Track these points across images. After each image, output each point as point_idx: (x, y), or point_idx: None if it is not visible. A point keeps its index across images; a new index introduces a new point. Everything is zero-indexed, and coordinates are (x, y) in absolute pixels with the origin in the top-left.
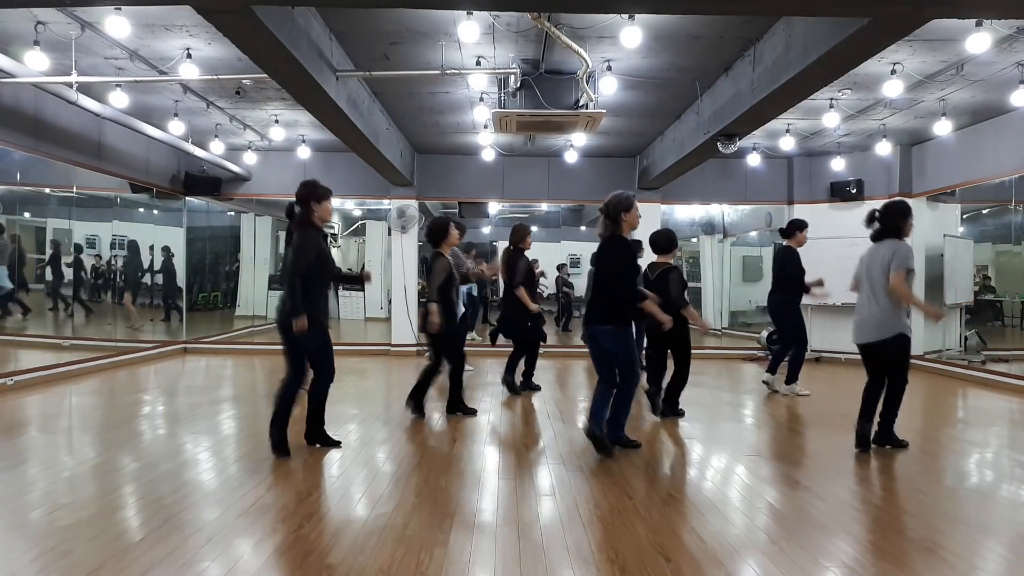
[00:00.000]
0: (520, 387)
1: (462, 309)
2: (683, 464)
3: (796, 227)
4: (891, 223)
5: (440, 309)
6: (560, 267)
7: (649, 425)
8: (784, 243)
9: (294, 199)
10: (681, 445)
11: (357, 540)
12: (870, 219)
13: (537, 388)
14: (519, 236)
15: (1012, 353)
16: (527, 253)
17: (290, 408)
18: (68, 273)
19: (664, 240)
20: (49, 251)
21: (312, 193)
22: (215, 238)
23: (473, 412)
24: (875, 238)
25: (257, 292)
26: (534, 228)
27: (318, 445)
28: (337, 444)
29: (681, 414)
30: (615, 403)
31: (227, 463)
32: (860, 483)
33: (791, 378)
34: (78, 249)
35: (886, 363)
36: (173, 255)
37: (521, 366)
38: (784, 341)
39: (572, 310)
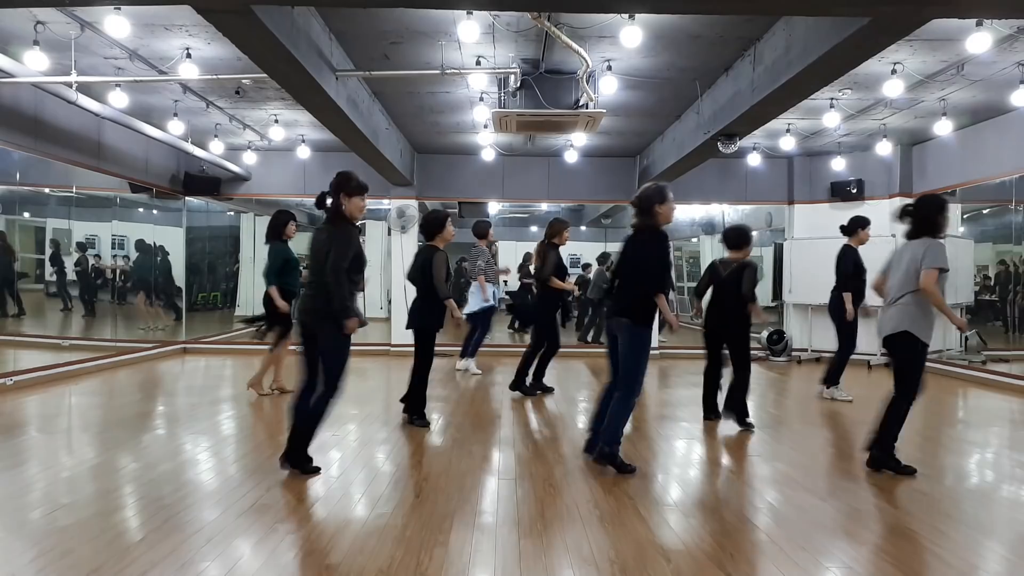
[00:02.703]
0: (530, 388)
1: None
2: (683, 464)
3: (858, 224)
4: (925, 218)
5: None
6: (585, 267)
7: (650, 425)
8: (845, 241)
9: (327, 189)
10: (681, 445)
11: (357, 540)
12: (902, 214)
13: (535, 392)
14: (554, 231)
15: (1012, 353)
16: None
17: (316, 422)
18: (69, 273)
19: (734, 235)
20: (49, 250)
21: (344, 185)
22: (215, 238)
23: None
24: (910, 236)
25: (257, 292)
26: (533, 228)
27: (290, 468)
28: (316, 471)
29: (749, 426)
30: (611, 411)
31: (227, 463)
32: (860, 483)
33: (830, 380)
34: (55, 245)
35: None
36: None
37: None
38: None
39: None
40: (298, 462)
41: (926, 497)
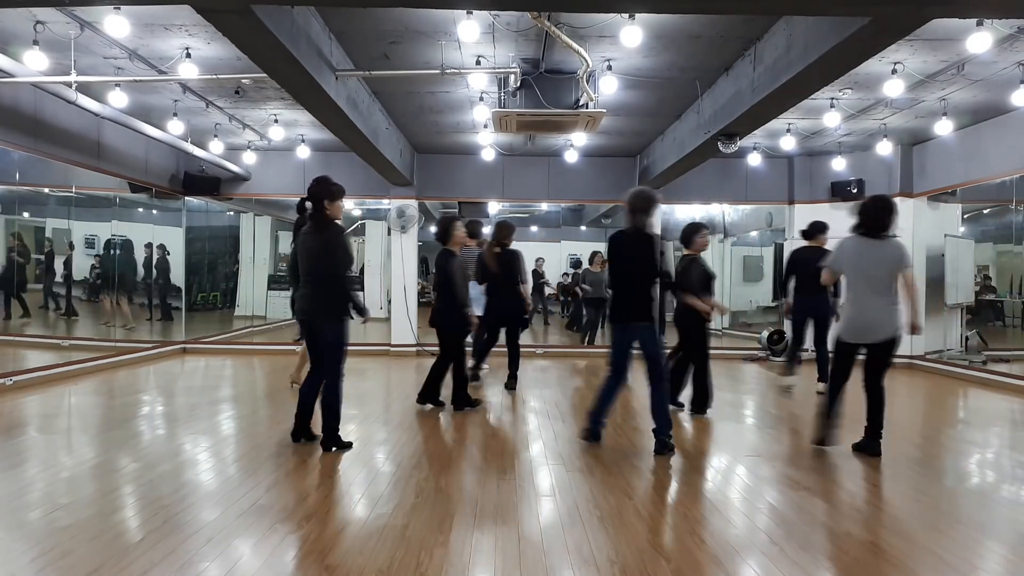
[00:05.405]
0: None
1: None
2: (683, 464)
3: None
4: (884, 220)
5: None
6: (576, 266)
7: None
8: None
9: (306, 195)
10: (681, 445)
11: (357, 540)
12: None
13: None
14: (503, 233)
15: (1013, 353)
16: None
17: (311, 404)
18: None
19: (682, 233)
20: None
21: (326, 191)
22: (214, 238)
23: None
24: (870, 234)
25: (256, 292)
26: (534, 228)
27: (303, 440)
28: (348, 445)
29: (679, 406)
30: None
31: (226, 463)
32: (860, 483)
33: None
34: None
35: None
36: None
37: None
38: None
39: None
40: (330, 442)
41: (926, 497)
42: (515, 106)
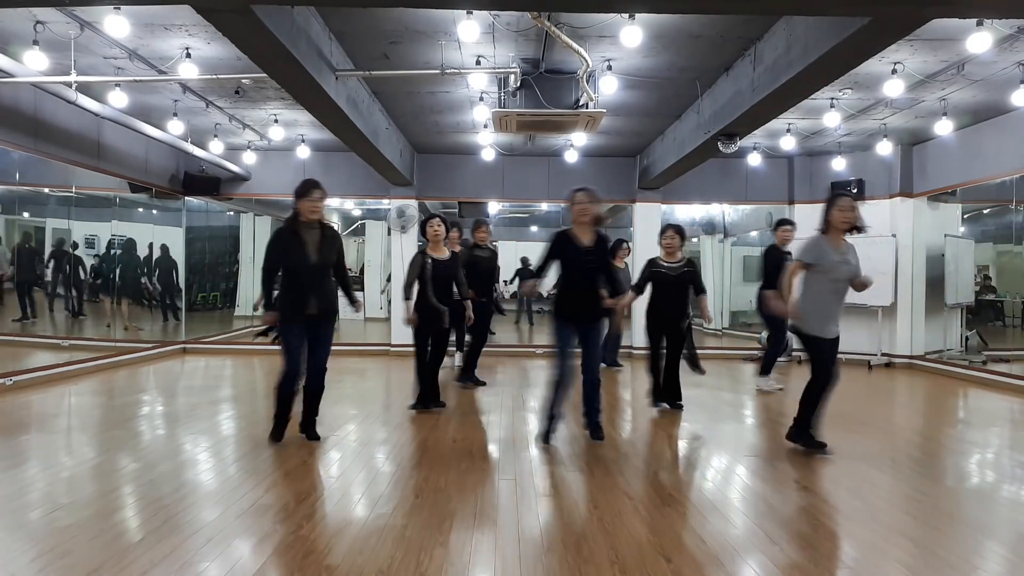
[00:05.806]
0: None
1: None
2: (683, 464)
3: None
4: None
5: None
6: None
7: (650, 424)
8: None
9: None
10: (682, 445)
11: (357, 540)
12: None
13: (483, 383)
14: (472, 230)
15: (1013, 353)
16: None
17: (288, 401)
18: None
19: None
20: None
21: (296, 190)
22: (214, 238)
23: (443, 404)
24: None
25: (256, 292)
26: (534, 228)
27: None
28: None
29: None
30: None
31: (226, 463)
32: (860, 483)
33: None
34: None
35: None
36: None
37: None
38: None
39: None
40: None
41: (927, 497)
42: (515, 106)
